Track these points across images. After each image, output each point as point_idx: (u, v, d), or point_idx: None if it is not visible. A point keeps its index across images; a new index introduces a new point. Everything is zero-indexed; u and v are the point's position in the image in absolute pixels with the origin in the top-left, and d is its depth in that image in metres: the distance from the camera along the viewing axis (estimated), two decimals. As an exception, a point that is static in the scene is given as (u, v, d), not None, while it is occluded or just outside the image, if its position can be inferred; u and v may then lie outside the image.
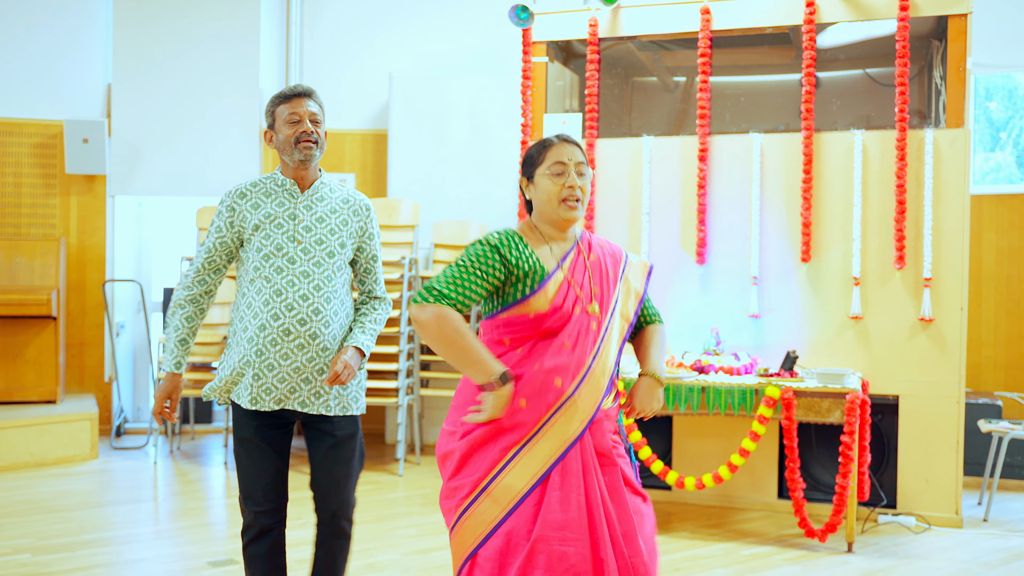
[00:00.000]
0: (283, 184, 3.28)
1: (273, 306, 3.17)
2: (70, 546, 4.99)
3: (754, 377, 5.43)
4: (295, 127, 3.23)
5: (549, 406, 2.65)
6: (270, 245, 3.20)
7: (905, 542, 5.23)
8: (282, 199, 3.25)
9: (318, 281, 3.21)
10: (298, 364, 3.19)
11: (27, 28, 7.85)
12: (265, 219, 3.22)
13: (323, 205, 3.28)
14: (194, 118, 8.04)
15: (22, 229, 7.84)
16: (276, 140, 3.28)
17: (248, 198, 3.27)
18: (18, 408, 7.13)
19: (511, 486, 2.63)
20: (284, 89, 3.29)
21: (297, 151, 3.22)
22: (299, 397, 3.23)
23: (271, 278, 3.19)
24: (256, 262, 3.22)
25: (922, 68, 6.19)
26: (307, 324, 3.18)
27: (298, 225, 3.23)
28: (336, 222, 3.28)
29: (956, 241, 5.52)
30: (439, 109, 7.82)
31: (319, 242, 3.23)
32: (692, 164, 6.01)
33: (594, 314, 2.76)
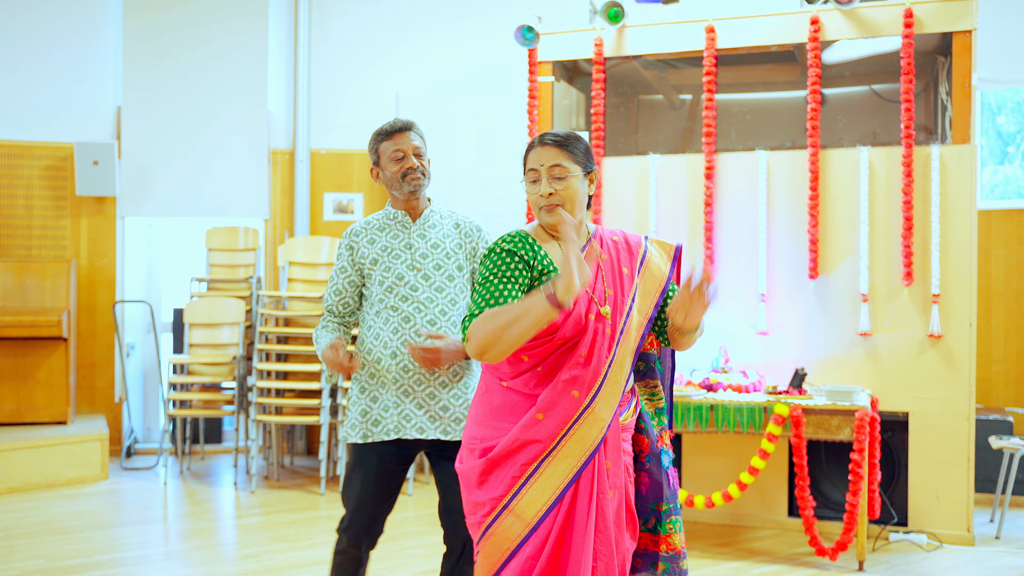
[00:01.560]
0: (395, 217, 3.38)
1: (403, 333, 3.25)
2: (81, 567, 5.00)
3: (763, 395, 5.42)
4: (400, 163, 3.34)
5: (568, 418, 2.60)
6: (391, 276, 3.29)
7: (917, 560, 5.21)
8: (396, 231, 3.35)
9: (443, 306, 3.29)
10: (432, 389, 3.26)
11: (37, 52, 7.92)
12: (382, 252, 3.32)
13: (436, 232, 3.37)
14: (203, 139, 8.09)
15: (33, 251, 7.89)
16: (383, 176, 3.39)
17: (363, 235, 3.37)
18: (29, 429, 7.16)
19: (533, 501, 2.59)
20: (384, 125, 3.40)
21: (406, 184, 3.33)
22: (441, 425, 3.27)
23: (398, 307, 3.27)
24: (380, 294, 3.30)
25: (928, 84, 6.19)
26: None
27: (415, 253, 3.32)
28: (451, 246, 3.37)
29: (964, 257, 5.51)
30: (446, 128, 7.85)
31: (437, 267, 3.32)
32: (699, 182, 6.02)
33: (606, 317, 2.66)
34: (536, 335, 2.61)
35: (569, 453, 2.60)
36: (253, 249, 7.90)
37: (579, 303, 2.63)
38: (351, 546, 3.36)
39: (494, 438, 2.67)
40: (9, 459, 6.68)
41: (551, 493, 2.59)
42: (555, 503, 2.59)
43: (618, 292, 2.71)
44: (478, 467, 2.66)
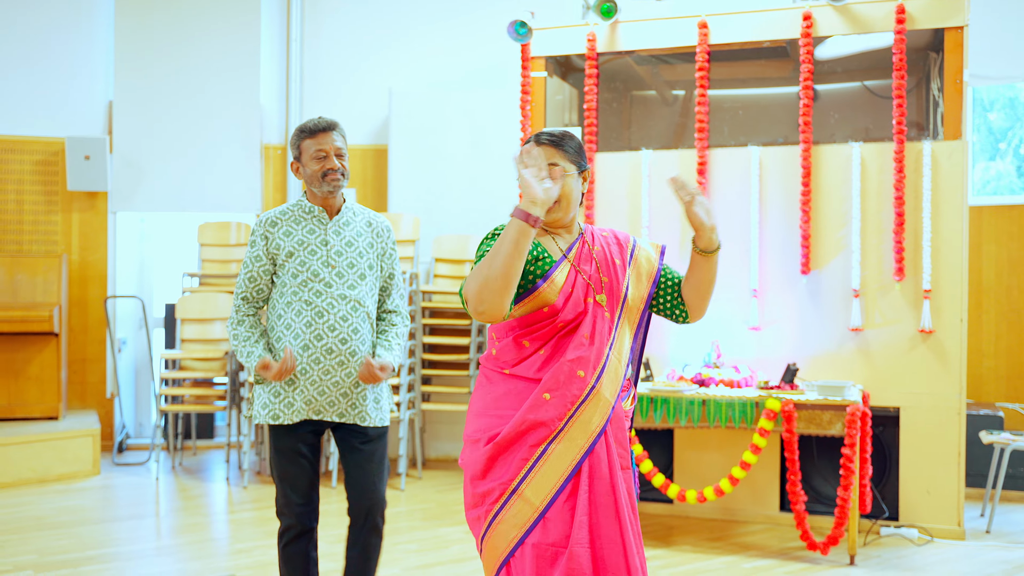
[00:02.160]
0: (311, 211, 3.49)
1: (316, 327, 3.40)
2: (73, 562, 4.99)
3: (755, 390, 5.43)
4: (322, 162, 3.43)
5: (575, 399, 2.63)
6: (306, 271, 3.42)
7: (908, 554, 5.23)
8: (312, 226, 3.47)
9: (354, 302, 3.45)
10: (337, 379, 3.44)
11: (29, 46, 7.89)
12: (298, 245, 3.44)
13: (350, 230, 3.50)
14: (195, 134, 8.07)
15: (24, 246, 7.87)
16: (304, 173, 3.48)
17: (279, 226, 3.47)
18: (20, 424, 7.15)
19: (542, 485, 2.61)
20: (308, 123, 3.47)
21: (325, 184, 3.43)
22: (337, 409, 3.48)
23: (311, 301, 3.41)
24: (293, 287, 3.43)
25: (920, 80, 6.21)
26: (348, 343, 3.43)
27: (330, 250, 3.45)
28: (363, 245, 3.51)
29: (955, 252, 5.53)
30: (439, 124, 7.85)
31: (351, 265, 3.46)
32: (691, 177, 6.03)
33: (602, 304, 2.72)
34: (537, 317, 2.68)
35: (576, 435, 2.63)
36: (245, 244, 7.89)
37: (576, 287, 2.69)
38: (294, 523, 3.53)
39: (499, 426, 2.68)
40: (0, 454, 6.66)
41: (559, 476, 2.62)
42: (562, 487, 2.61)
43: (613, 280, 2.77)
44: (484, 454, 2.68)
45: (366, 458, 3.54)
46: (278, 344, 3.46)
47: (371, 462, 3.54)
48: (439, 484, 6.89)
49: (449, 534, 5.59)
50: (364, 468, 3.53)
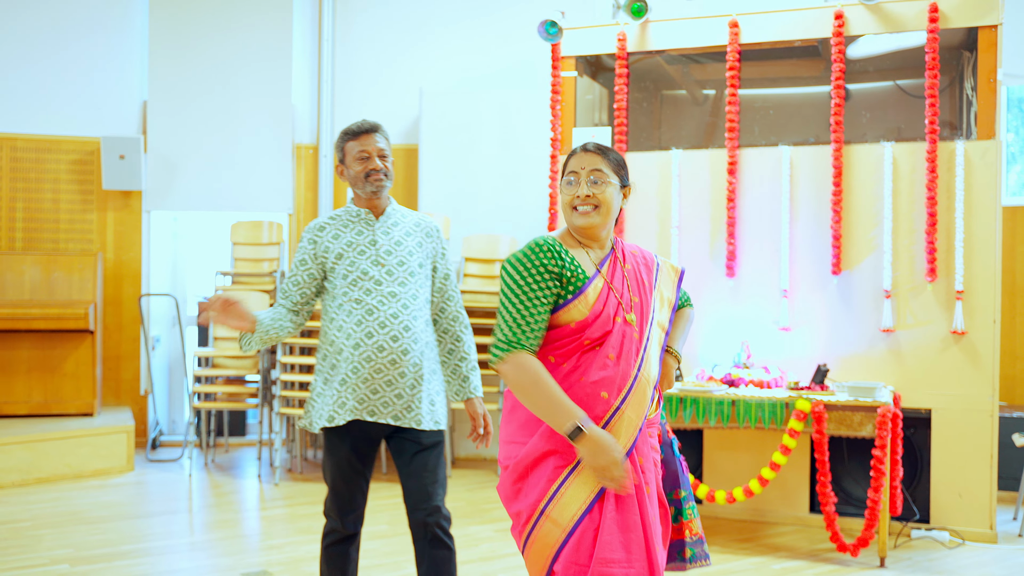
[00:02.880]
0: (358, 214, 3.50)
1: (366, 325, 3.38)
2: (107, 557, 5.06)
3: (785, 390, 5.42)
4: (364, 163, 3.46)
5: (598, 420, 2.61)
6: (356, 271, 3.42)
7: (939, 557, 5.20)
8: (360, 228, 3.48)
9: (405, 300, 3.43)
10: (390, 378, 3.39)
11: (64, 46, 7.99)
12: (347, 247, 3.44)
13: (398, 230, 3.51)
14: (228, 134, 8.15)
15: (60, 244, 7.97)
16: (347, 174, 3.51)
17: (327, 230, 3.48)
18: (56, 421, 7.25)
19: (568, 506, 2.60)
20: (351, 125, 3.50)
21: (368, 184, 3.45)
22: (392, 411, 3.42)
23: (361, 300, 3.40)
24: (343, 288, 3.42)
25: (953, 79, 6.16)
26: (399, 340, 3.39)
27: (379, 250, 3.44)
28: (412, 244, 3.50)
29: (988, 253, 5.49)
30: (469, 123, 7.87)
31: (400, 263, 3.45)
32: (721, 177, 6.01)
33: (632, 324, 2.70)
34: (564, 332, 2.67)
35: None
36: (277, 243, 7.96)
37: (607, 305, 2.68)
38: (337, 526, 3.55)
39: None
40: (37, 450, 6.76)
41: (586, 496, 2.60)
42: (590, 506, 2.60)
43: (643, 299, 2.77)
44: (510, 478, 2.70)
45: (420, 466, 3.46)
46: (331, 348, 3.44)
47: (425, 467, 3.46)
48: (469, 483, 6.92)
49: (479, 532, 5.61)
50: (419, 477, 3.46)
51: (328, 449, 3.51)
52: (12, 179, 7.90)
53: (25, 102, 7.94)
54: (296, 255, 3.52)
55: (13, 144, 7.91)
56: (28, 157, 7.93)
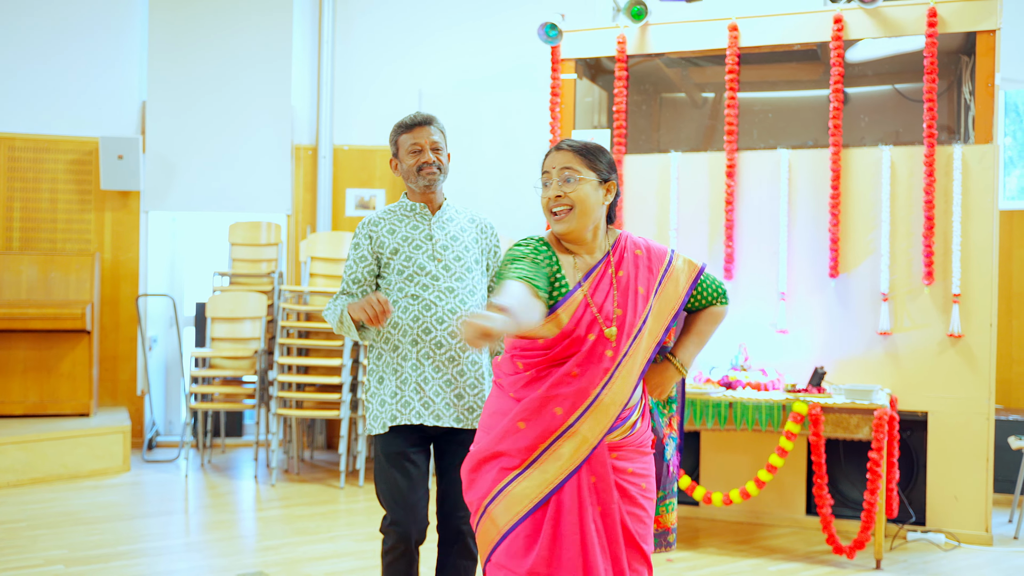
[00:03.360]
0: (413, 208, 3.42)
1: (424, 321, 3.28)
2: (103, 558, 5.06)
3: (782, 393, 5.42)
4: (417, 156, 3.39)
5: (548, 433, 2.56)
6: (412, 265, 3.32)
7: (934, 559, 5.20)
8: (415, 222, 3.39)
9: (463, 296, 3.33)
10: (449, 377, 3.29)
11: (63, 46, 7.99)
12: (403, 241, 3.35)
13: (454, 225, 3.43)
14: (227, 134, 8.15)
15: (58, 244, 7.97)
16: (400, 168, 3.44)
17: (382, 224, 3.40)
18: (53, 421, 7.24)
19: (507, 509, 2.58)
20: (405, 118, 3.44)
21: (421, 178, 3.37)
22: (454, 413, 3.29)
23: (419, 295, 3.30)
24: (399, 283, 3.33)
25: (951, 84, 6.18)
26: (457, 336, 3.26)
27: (435, 244, 3.35)
28: (469, 240, 3.42)
29: (985, 257, 5.50)
30: (468, 125, 7.88)
31: (457, 258, 3.36)
32: (720, 180, 6.02)
33: (610, 339, 2.60)
34: (530, 347, 2.61)
35: (548, 468, 2.57)
36: (275, 244, 7.95)
37: (580, 323, 2.58)
38: (400, 541, 3.31)
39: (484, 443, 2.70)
40: (33, 450, 6.75)
41: (524, 505, 2.57)
42: (527, 515, 2.57)
43: (628, 312, 2.64)
44: (467, 465, 2.71)
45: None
46: (386, 345, 3.34)
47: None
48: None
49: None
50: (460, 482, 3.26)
51: (385, 446, 3.32)
52: (10, 179, 7.90)
53: (24, 102, 7.94)
54: (353, 252, 3.42)
55: (11, 144, 7.90)
56: (26, 157, 7.93)
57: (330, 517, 5.96)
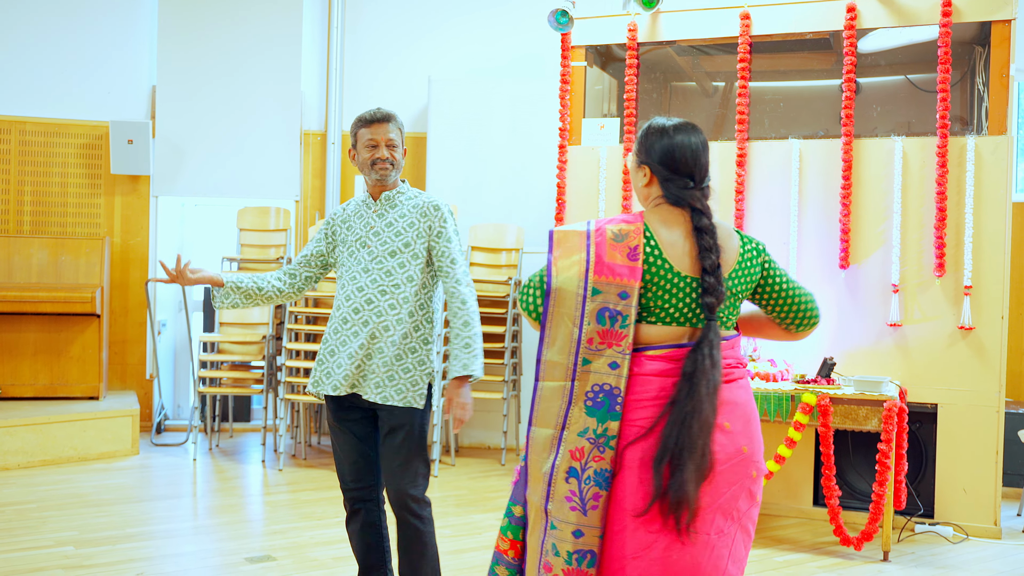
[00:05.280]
0: (365, 200, 3.68)
1: (353, 301, 3.54)
2: (112, 539, 5.08)
3: (791, 383, 5.41)
4: (372, 151, 3.58)
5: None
6: (346, 251, 3.63)
7: (942, 552, 5.19)
8: (363, 212, 3.65)
9: (376, 275, 3.54)
10: (352, 350, 3.51)
11: (73, 31, 7.99)
12: (348, 231, 3.65)
13: (394, 212, 3.62)
14: (237, 120, 8.14)
15: (68, 228, 7.98)
16: (357, 159, 3.65)
17: (339, 215, 3.72)
18: (62, 404, 7.27)
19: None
20: (365, 113, 3.62)
21: (374, 172, 3.59)
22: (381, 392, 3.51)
23: (355, 277, 3.57)
24: (340, 269, 3.66)
25: (964, 74, 6.14)
26: (360, 312, 3.52)
27: (369, 231, 3.59)
28: (403, 225, 3.58)
29: (997, 249, 5.47)
30: (478, 112, 7.86)
31: (383, 244, 3.56)
32: (730, 169, 6.00)
33: None
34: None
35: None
36: (284, 230, 7.96)
37: None
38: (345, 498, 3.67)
39: None
40: (43, 433, 6.78)
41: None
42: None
43: None
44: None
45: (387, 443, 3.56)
46: (332, 323, 3.62)
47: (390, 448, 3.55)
48: (472, 471, 6.93)
49: (482, 520, 5.62)
50: (385, 453, 3.57)
51: (328, 420, 3.71)
52: (21, 163, 7.91)
53: (34, 86, 7.94)
54: (315, 235, 3.77)
55: (22, 128, 7.91)
56: (37, 141, 7.94)
57: (336, 502, 5.97)
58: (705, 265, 2.54)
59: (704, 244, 2.56)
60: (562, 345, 2.57)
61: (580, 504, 2.50)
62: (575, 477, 2.51)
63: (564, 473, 2.53)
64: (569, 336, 2.56)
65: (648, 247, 2.57)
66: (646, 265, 2.55)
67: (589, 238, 2.59)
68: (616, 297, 2.52)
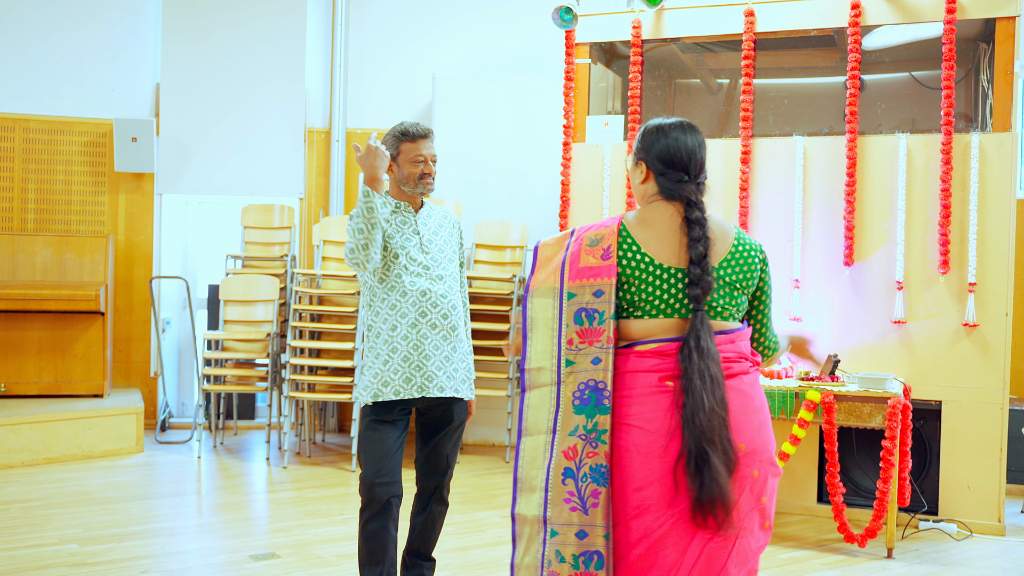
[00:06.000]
0: (399, 206, 3.76)
1: (420, 305, 3.68)
2: (116, 537, 5.09)
3: (795, 381, 5.41)
4: (420, 166, 3.72)
5: None
6: (404, 256, 3.69)
7: (946, 549, 5.19)
8: (403, 216, 3.75)
9: (449, 283, 3.78)
10: (447, 353, 3.73)
11: (78, 28, 8.00)
12: (395, 230, 3.72)
13: (432, 222, 3.83)
14: (241, 118, 8.15)
15: (72, 226, 7.99)
16: (399, 172, 3.74)
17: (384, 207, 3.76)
18: (67, 401, 7.28)
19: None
20: (409, 127, 3.74)
21: (420, 186, 3.73)
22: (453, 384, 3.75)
23: (415, 282, 3.68)
24: (396, 270, 3.69)
25: (969, 71, 6.13)
26: (449, 318, 3.73)
27: (423, 239, 3.75)
28: (445, 235, 3.85)
29: (1002, 246, 5.47)
30: (481, 109, 7.86)
31: (441, 251, 3.79)
32: (735, 166, 6.00)
33: None
34: None
35: None
36: (288, 227, 7.96)
37: None
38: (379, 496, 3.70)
39: None
40: (47, 430, 6.79)
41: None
42: None
43: None
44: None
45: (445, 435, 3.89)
46: (385, 325, 3.68)
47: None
48: (476, 469, 6.93)
49: (486, 518, 5.62)
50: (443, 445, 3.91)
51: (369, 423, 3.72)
52: (25, 160, 7.92)
53: (38, 83, 7.95)
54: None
55: (26, 125, 7.92)
56: (41, 139, 7.95)
57: (341, 500, 5.97)
58: (692, 256, 2.55)
59: (694, 235, 2.57)
60: (543, 350, 2.62)
61: (580, 503, 2.50)
62: (571, 477, 2.52)
63: (560, 475, 2.53)
64: (550, 340, 2.61)
65: (624, 245, 2.59)
66: (624, 261, 2.57)
67: (568, 247, 2.66)
68: (591, 296, 2.57)
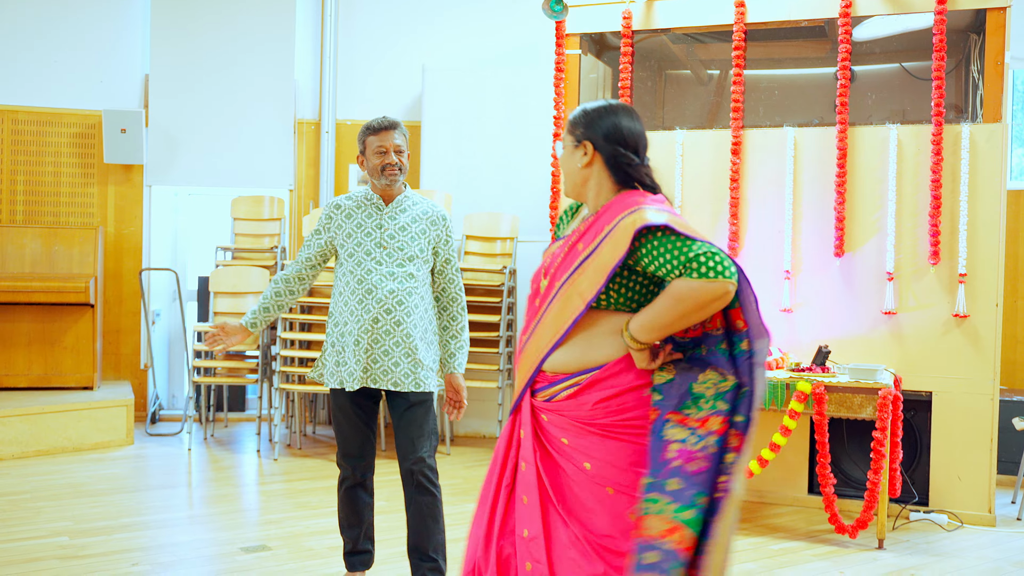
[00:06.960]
0: (371, 199, 3.90)
1: (366, 302, 3.77)
2: (106, 530, 5.07)
3: (785, 372, 5.41)
4: (382, 157, 3.83)
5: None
6: (360, 251, 3.82)
7: (937, 539, 5.21)
8: (370, 211, 3.87)
9: (401, 279, 3.80)
10: (386, 348, 3.79)
11: (66, 19, 7.95)
12: (356, 228, 3.86)
13: (405, 216, 3.88)
14: (230, 109, 8.11)
15: (61, 218, 7.96)
16: (366, 165, 3.88)
17: (343, 210, 3.91)
18: (57, 394, 7.25)
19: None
20: (373, 121, 3.86)
21: (383, 177, 3.84)
22: (392, 378, 3.81)
23: (363, 279, 3.79)
24: (349, 266, 3.83)
25: (959, 62, 6.13)
26: (392, 313, 3.78)
27: (383, 233, 3.83)
28: (416, 231, 3.86)
29: (992, 237, 5.47)
30: (472, 101, 7.84)
31: (400, 248, 3.82)
32: (725, 157, 5.99)
33: (539, 290, 2.59)
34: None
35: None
36: (278, 219, 7.94)
37: (537, 272, 2.67)
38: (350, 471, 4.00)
39: None
40: (37, 423, 6.77)
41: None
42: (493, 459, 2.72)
43: (560, 268, 2.54)
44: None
45: (408, 422, 3.88)
46: (340, 317, 3.85)
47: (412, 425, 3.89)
48: (467, 460, 6.93)
49: (477, 510, 5.61)
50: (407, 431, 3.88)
51: (333, 399, 3.96)
52: (13, 152, 7.88)
53: (27, 74, 7.90)
54: (313, 232, 3.97)
55: (14, 116, 7.88)
56: (29, 130, 7.91)
57: (332, 492, 5.96)
58: None
59: None
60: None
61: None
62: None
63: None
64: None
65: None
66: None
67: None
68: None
